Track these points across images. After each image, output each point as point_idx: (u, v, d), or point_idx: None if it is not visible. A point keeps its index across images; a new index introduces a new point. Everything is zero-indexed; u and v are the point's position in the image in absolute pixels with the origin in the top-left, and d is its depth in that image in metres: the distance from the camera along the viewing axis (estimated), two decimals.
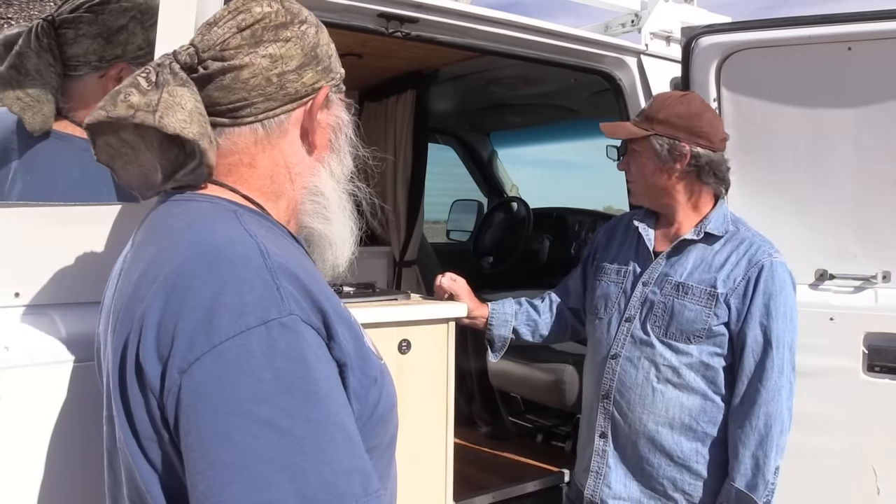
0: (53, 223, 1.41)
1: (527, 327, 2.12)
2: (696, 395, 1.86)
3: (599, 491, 1.96)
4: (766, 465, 1.78)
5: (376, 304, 1.81)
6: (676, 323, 1.86)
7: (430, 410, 1.82)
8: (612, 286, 2.00)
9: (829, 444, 2.15)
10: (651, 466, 1.90)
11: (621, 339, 1.93)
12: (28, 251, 1.40)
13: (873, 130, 2.11)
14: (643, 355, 1.90)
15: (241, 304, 0.80)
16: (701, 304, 1.84)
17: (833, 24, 2.09)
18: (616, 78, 2.58)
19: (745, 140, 2.26)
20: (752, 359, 1.81)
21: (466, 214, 4.52)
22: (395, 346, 1.76)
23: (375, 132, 3.58)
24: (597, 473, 1.97)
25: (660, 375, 1.87)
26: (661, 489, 1.90)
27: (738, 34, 2.24)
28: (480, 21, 2.23)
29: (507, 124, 4.58)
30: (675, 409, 1.87)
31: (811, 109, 2.19)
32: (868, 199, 2.15)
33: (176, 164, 0.97)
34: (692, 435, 1.87)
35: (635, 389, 1.90)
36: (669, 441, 1.88)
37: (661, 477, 1.89)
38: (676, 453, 1.88)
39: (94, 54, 1.53)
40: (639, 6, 2.80)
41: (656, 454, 1.89)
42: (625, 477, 1.93)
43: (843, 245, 2.19)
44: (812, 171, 2.21)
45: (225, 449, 0.75)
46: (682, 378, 1.86)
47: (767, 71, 2.22)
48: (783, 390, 1.79)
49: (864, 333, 2.14)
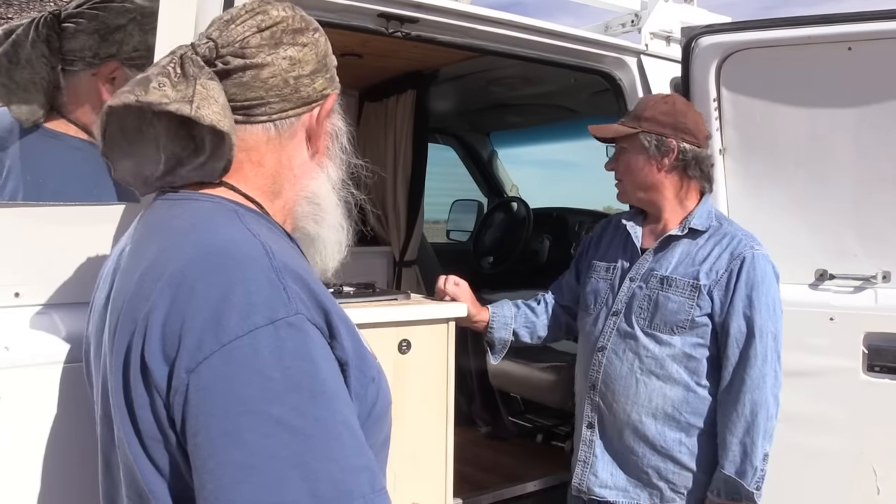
0: (54, 223, 1.42)
1: (525, 329, 2.15)
2: (679, 385, 1.91)
3: (587, 479, 2.01)
4: (754, 452, 1.82)
5: (376, 304, 1.80)
6: (660, 314, 1.91)
7: (430, 410, 1.82)
8: (602, 282, 2.06)
9: (829, 444, 2.15)
10: (636, 456, 1.95)
11: (608, 332, 1.99)
12: (28, 251, 1.40)
13: (873, 130, 2.11)
14: (628, 347, 1.95)
15: (249, 303, 0.80)
16: (684, 296, 1.89)
17: (833, 24, 2.09)
18: (616, 78, 2.58)
19: (746, 140, 2.26)
20: (737, 348, 1.86)
21: (466, 214, 4.52)
22: (395, 346, 1.76)
23: (375, 132, 3.58)
24: (584, 462, 2.02)
25: (643, 367, 1.92)
26: (646, 478, 1.94)
27: (738, 34, 2.24)
28: (480, 21, 2.23)
29: (507, 124, 4.59)
30: (659, 399, 1.92)
31: (811, 109, 2.19)
32: (868, 198, 2.15)
33: (181, 158, 0.97)
34: (675, 425, 1.92)
35: (620, 381, 1.95)
36: (653, 431, 1.92)
37: (645, 466, 1.94)
38: (660, 443, 1.92)
39: (90, 50, 1.53)
40: (639, 6, 2.80)
41: (641, 444, 1.94)
42: (611, 466, 1.98)
43: (843, 245, 2.19)
44: (812, 170, 2.21)
45: (235, 448, 0.76)
46: (665, 369, 1.91)
47: (767, 71, 2.22)
48: (768, 378, 1.84)
49: (864, 333, 2.14)
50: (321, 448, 0.78)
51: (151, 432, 0.83)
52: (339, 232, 1.10)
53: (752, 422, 1.83)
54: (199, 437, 0.77)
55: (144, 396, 0.82)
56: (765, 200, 2.26)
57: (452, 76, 3.35)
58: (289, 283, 0.84)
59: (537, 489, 2.78)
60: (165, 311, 0.82)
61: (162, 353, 0.81)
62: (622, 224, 2.05)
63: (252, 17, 1.00)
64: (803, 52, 2.15)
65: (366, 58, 2.92)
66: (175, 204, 0.98)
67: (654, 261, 1.97)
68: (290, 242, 1.03)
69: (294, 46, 1.00)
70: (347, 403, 0.84)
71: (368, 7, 2.03)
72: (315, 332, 0.84)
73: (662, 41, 2.67)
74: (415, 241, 3.50)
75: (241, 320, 0.79)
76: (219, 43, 0.98)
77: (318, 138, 1.05)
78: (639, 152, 1.95)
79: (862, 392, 2.13)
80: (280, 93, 0.99)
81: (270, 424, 0.76)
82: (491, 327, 2.10)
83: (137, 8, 1.53)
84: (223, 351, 0.78)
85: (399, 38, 2.15)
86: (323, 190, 1.07)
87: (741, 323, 1.85)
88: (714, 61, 2.25)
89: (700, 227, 1.94)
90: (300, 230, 1.07)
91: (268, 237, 0.91)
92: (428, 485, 1.83)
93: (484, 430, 3.40)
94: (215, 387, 0.78)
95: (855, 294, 2.19)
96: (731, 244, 1.90)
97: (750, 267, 1.86)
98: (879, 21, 2.04)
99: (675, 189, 1.97)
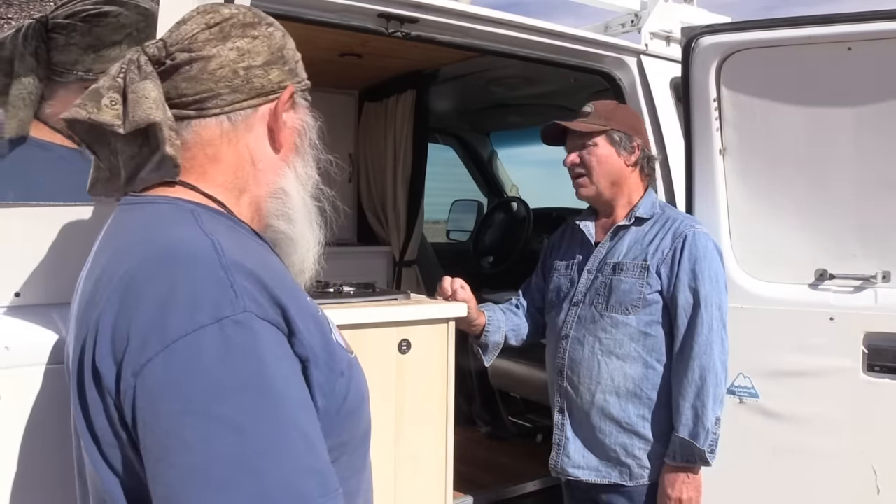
0: (54, 223, 1.41)
1: (512, 332, 2.25)
2: (638, 363, 2.02)
3: (560, 461, 2.12)
4: (705, 414, 1.92)
5: (376, 304, 1.81)
6: (615, 296, 2.03)
7: (430, 410, 1.83)
8: (562, 279, 2.20)
9: (829, 444, 2.15)
10: (603, 434, 2.05)
11: (570, 321, 2.12)
12: (28, 251, 1.40)
13: (873, 130, 2.11)
14: (588, 332, 2.07)
15: (194, 302, 0.79)
16: (635, 277, 2.02)
17: (833, 24, 2.09)
18: (616, 78, 2.58)
19: (746, 140, 2.26)
20: (685, 318, 1.98)
21: (466, 214, 4.52)
22: (395, 346, 1.76)
23: (375, 132, 3.58)
24: (558, 446, 2.13)
25: (603, 348, 2.04)
26: (615, 456, 2.04)
27: (738, 34, 2.24)
28: (480, 21, 2.23)
29: (507, 124, 4.58)
30: (620, 378, 2.02)
31: (811, 109, 2.19)
32: (868, 198, 2.15)
33: (139, 161, 0.97)
34: (637, 402, 2.02)
35: (583, 364, 2.07)
36: (617, 409, 2.03)
37: (613, 444, 2.04)
38: (624, 420, 2.03)
39: (83, 65, 1.49)
40: (639, 6, 2.80)
41: (607, 422, 2.04)
42: (582, 447, 2.09)
43: (843, 245, 2.19)
44: (812, 171, 2.21)
45: (181, 450, 0.74)
46: (624, 348, 2.02)
47: (767, 71, 2.22)
48: (714, 345, 1.95)
49: (864, 333, 2.14)
50: (269, 449, 0.76)
51: (108, 438, 0.82)
52: (311, 229, 1.07)
53: (702, 386, 1.93)
54: (147, 440, 0.77)
55: (98, 401, 0.81)
56: (764, 200, 2.26)
57: (452, 76, 3.35)
58: (238, 279, 0.82)
59: (537, 489, 2.78)
60: (114, 314, 0.81)
61: (112, 355, 0.80)
62: (576, 224, 2.21)
63: (203, 15, 1.00)
64: (803, 52, 2.15)
65: (366, 58, 2.92)
66: (133, 208, 0.98)
67: (606, 251, 2.11)
68: (256, 240, 1.01)
69: (243, 38, 0.99)
70: (300, 403, 0.82)
71: (368, 7, 2.04)
72: (267, 329, 0.82)
73: (662, 41, 2.67)
74: (415, 241, 3.50)
75: (186, 320, 0.78)
76: (168, 42, 0.98)
77: (279, 132, 1.03)
78: (611, 147, 2.08)
79: (862, 392, 2.13)
80: (230, 84, 0.97)
81: (215, 425, 0.75)
82: (487, 331, 2.16)
83: (133, 23, 1.49)
84: (167, 351, 0.77)
85: (399, 38, 2.15)
86: (290, 186, 1.05)
87: (687, 294, 1.97)
88: (714, 61, 2.25)
89: (645, 215, 2.08)
90: (272, 229, 1.05)
91: (224, 235, 0.89)
92: (428, 485, 1.83)
93: (484, 430, 3.40)
94: (159, 388, 0.76)
95: (855, 294, 2.19)
96: (674, 226, 2.04)
97: (692, 243, 1.99)
98: (879, 21, 2.04)
99: (632, 184, 2.13)
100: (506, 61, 2.77)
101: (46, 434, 1.29)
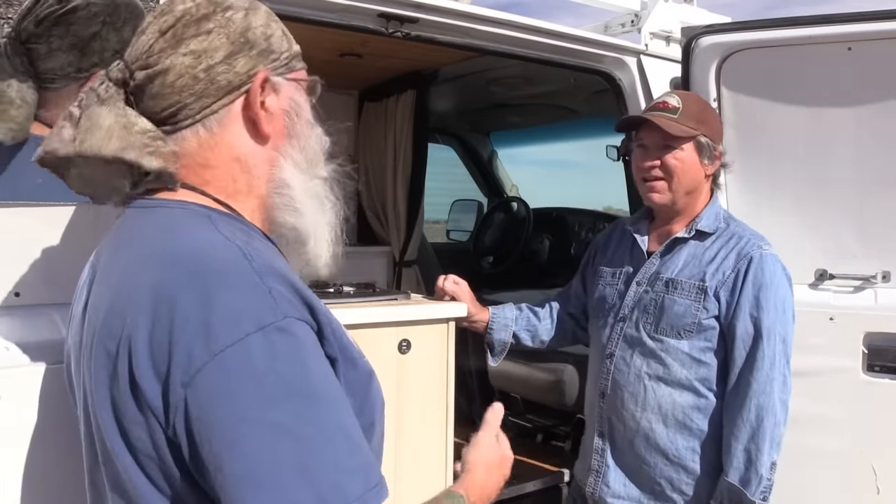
0: (54, 223, 1.41)
1: (527, 332, 2.13)
2: (688, 391, 1.86)
3: (599, 489, 1.97)
4: (759, 459, 1.76)
5: (376, 304, 1.81)
6: (666, 318, 1.86)
7: (430, 410, 1.82)
8: (608, 288, 2.02)
9: (829, 444, 2.15)
10: (648, 466, 1.90)
11: (615, 338, 1.95)
12: (28, 251, 1.40)
13: (873, 130, 2.11)
14: (635, 353, 1.91)
15: (235, 311, 0.79)
16: (690, 299, 1.84)
17: (833, 24, 2.09)
18: (616, 78, 2.58)
19: (746, 140, 2.26)
20: (743, 350, 1.80)
21: (466, 214, 4.52)
22: (395, 346, 1.76)
23: (375, 132, 3.57)
24: (597, 472, 1.98)
25: (650, 372, 1.88)
26: (660, 489, 1.89)
27: (738, 34, 2.24)
28: (480, 21, 2.23)
29: (507, 124, 4.58)
30: (668, 405, 1.87)
31: (811, 109, 2.19)
32: (868, 198, 2.15)
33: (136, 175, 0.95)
34: (687, 432, 1.87)
35: (627, 387, 1.91)
36: (664, 439, 1.87)
37: (658, 476, 1.89)
38: (672, 451, 1.87)
39: (72, 66, 1.45)
40: (639, 6, 2.80)
41: (652, 453, 1.89)
42: (624, 476, 1.94)
43: (843, 245, 2.19)
44: (812, 170, 2.21)
45: (238, 458, 0.75)
46: (673, 374, 1.86)
47: (767, 71, 2.22)
48: (775, 382, 1.77)
49: (864, 333, 2.14)
50: (320, 453, 0.78)
51: (147, 450, 0.81)
52: (322, 217, 1.02)
53: (758, 427, 1.76)
54: (204, 451, 0.77)
55: (137, 415, 0.81)
56: (764, 200, 2.26)
57: (452, 76, 3.35)
58: (273, 284, 0.82)
59: (537, 489, 2.78)
60: (149, 328, 0.80)
61: (153, 370, 0.79)
62: (627, 229, 2.02)
63: (157, 20, 0.95)
64: (803, 52, 2.15)
65: (366, 58, 2.92)
66: (146, 212, 0.95)
67: (660, 264, 1.92)
68: (268, 243, 0.99)
69: (196, 38, 0.93)
70: (339, 401, 0.83)
71: (368, 7, 2.03)
72: (305, 331, 0.83)
73: (662, 41, 2.67)
74: (415, 241, 3.50)
75: (230, 329, 0.78)
76: (129, 60, 0.95)
77: (261, 122, 0.96)
78: (696, 154, 1.89)
79: (862, 392, 2.13)
80: (193, 91, 0.92)
81: (270, 431, 0.76)
82: (490, 328, 2.09)
83: (103, 10, 1.44)
84: (215, 361, 0.77)
85: (399, 38, 2.15)
86: (289, 176, 0.99)
87: (748, 324, 1.79)
88: (714, 61, 2.25)
89: (707, 229, 1.90)
90: (281, 225, 1.01)
91: (242, 240, 0.88)
92: (428, 485, 1.83)
93: None
94: (212, 397, 0.77)
95: (855, 294, 2.19)
96: (739, 244, 1.85)
97: (758, 267, 1.80)
98: (879, 21, 2.04)
99: (703, 193, 1.94)
100: (506, 61, 2.77)
101: (46, 434, 1.29)
